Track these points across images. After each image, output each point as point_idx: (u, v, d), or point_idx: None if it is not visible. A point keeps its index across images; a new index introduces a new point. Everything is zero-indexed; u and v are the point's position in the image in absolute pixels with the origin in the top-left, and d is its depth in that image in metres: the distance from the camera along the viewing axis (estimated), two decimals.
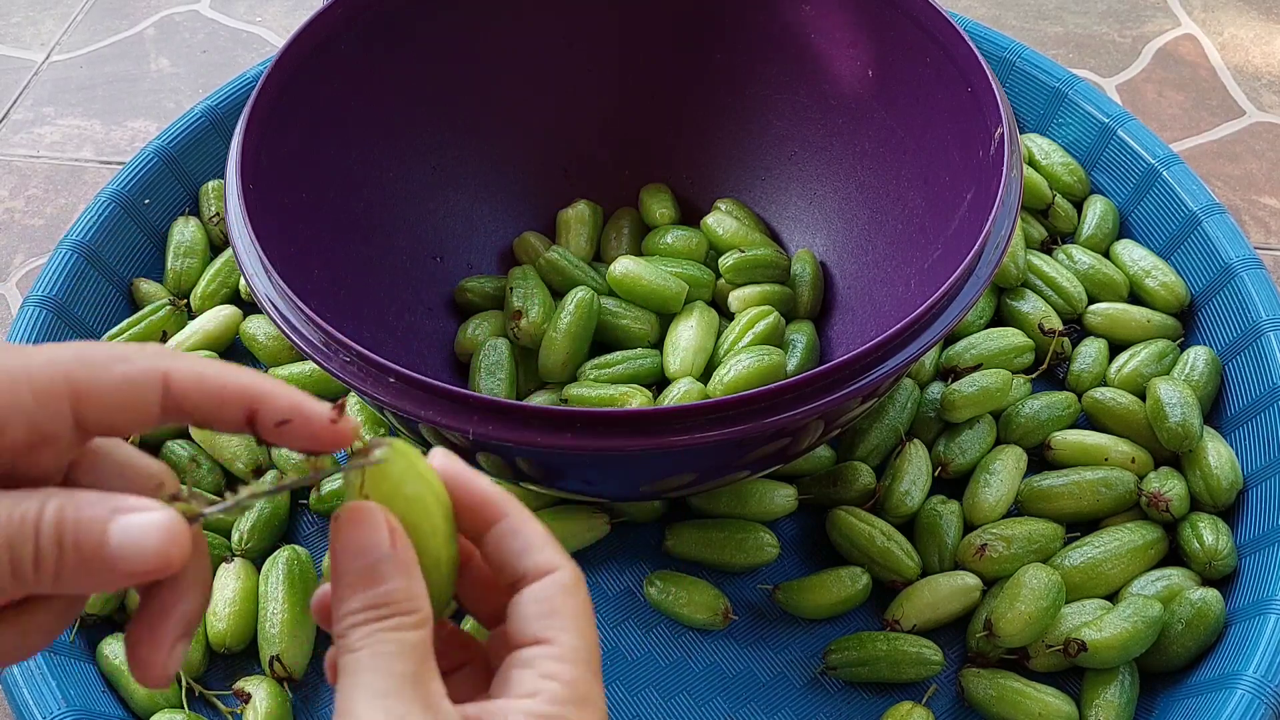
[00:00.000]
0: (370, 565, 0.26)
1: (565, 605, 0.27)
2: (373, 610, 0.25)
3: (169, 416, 0.27)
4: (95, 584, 0.24)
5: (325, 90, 0.54)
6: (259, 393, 0.27)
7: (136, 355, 0.26)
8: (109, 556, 0.24)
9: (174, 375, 0.26)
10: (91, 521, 0.24)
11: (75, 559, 0.24)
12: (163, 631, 0.26)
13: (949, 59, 0.52)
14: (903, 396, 0.57)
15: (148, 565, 0.24)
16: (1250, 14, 0.87)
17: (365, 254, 0.58)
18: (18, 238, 0.75)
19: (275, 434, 0.27)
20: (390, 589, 0.26)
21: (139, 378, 0.26)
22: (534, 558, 0.28)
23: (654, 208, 0.64)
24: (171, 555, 0.24)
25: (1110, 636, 0.48)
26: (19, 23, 0.91)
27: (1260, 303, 0.58)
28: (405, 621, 0.25)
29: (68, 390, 0.25)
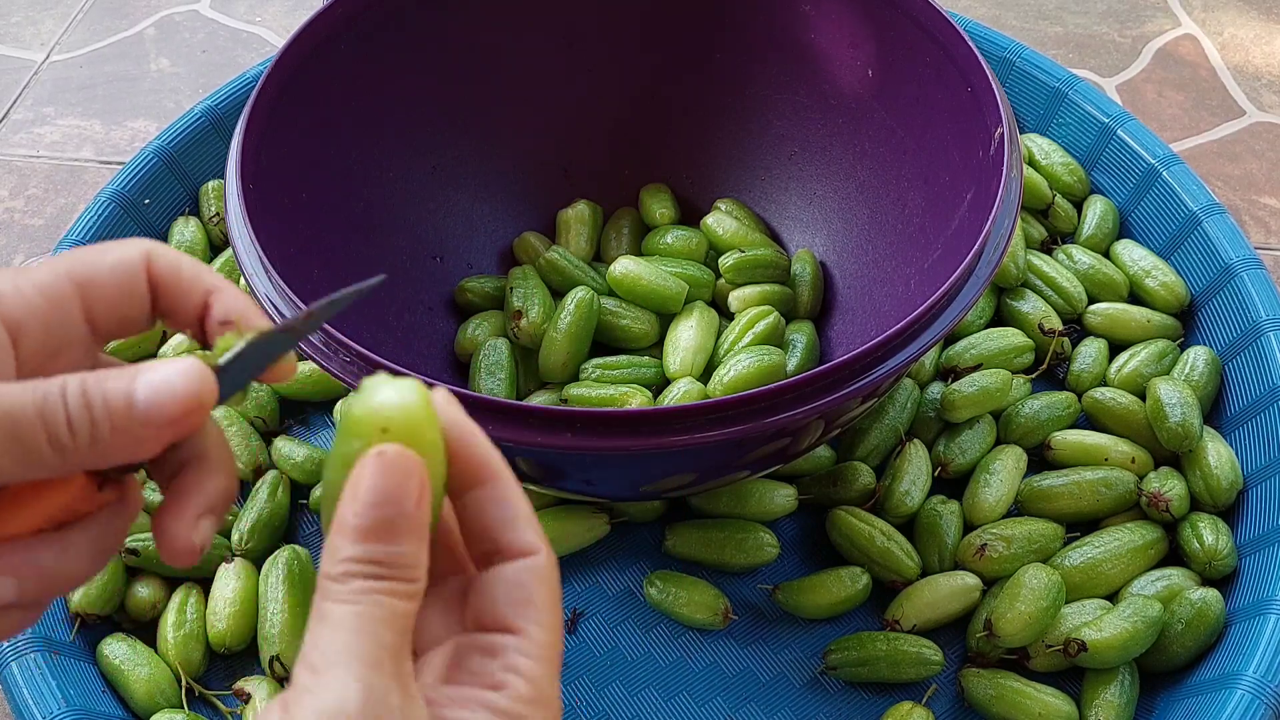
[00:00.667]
0: (390, 518, 0.24)
1: (540, 595, 0.26)
2: (376, 566, 0.24)
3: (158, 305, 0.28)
4: (134, 444, 0.24)
5: (325, 90, 0.54)
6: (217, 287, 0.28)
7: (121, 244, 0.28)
8: (140, 409, 0.24)
9: (154, 256, 0.28)
10: (117, 386, 0.24)
11: (108, 420, 0.24)
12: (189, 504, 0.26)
13: (949, 59, 0.52)
14: (903, 396, 0.57)
15: (180, 407, 0.24)
16: (1250, 14, 0.87)
17: (365, 254, 0.58)
18: (18, 237, 0.75)
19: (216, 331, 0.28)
20: (401, 551, 0.24)
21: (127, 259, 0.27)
22: (515, 534, 0.26)
23: (654, 208, 0.64)
24: (203, 395, 0.24)
25: (1110, 636, 0.48)
26: (19, 22, 0.91)
27: (1260, 303, 0.58)
28: (403, 589, 0.24)
29: (73, 287, 0.26)
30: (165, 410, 0.24)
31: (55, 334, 0.26)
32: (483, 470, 0.27)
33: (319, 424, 0.61)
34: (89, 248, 0.27)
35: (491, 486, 0.27)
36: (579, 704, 0.51)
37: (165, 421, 0.24)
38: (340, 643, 0.23)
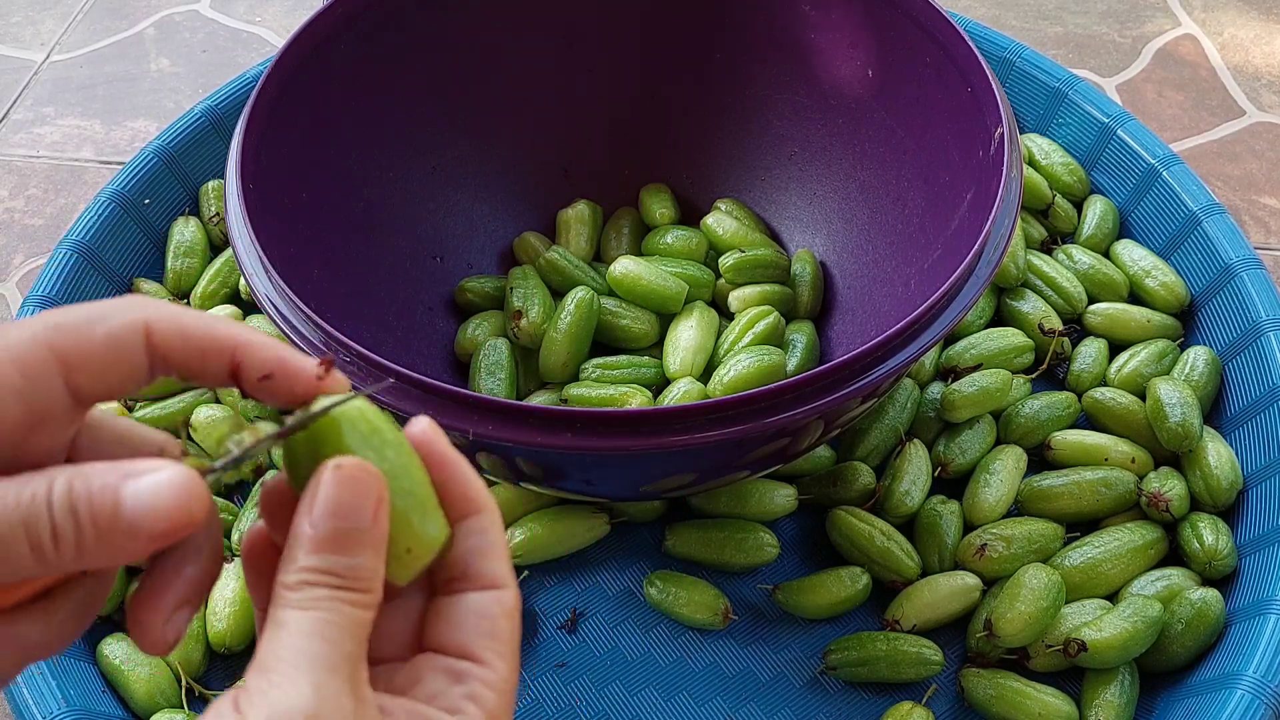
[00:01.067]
0: (346, 531, 0.24)
1: (505, 629, 0.26)
2: (333, 577, 0.24)
3: (157, 370, 0.26)
4: (119, 553, 0.23)
5: (325, 90, 0.54)
6: (242, 342, 0.26)
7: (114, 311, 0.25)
8: (127, 521, 0.23)
9: (155, 327, 0.25)
10: (103, 489, 0.23)
11: (93, 530, 0.23)
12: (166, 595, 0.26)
13: (949, 59, 0.52)
14: (903, 396, 0.57)
15: (169, 523, 0.23)
16: (1250, 14, 0.87)
17: (365, 254, 0.58)
18: (18, 238, 0.75)
19: (258, 389, 0.26)
20: (358, 563, 0.24)
21: (121, 334, 0.25)
22: (488, 565, 0.26)
23: (654, 208, 0.64)
24: (192, 509, 0.23)
25: (1110, 636, 0.48)
26: (19, 22, 0.91)
27: (1260, 303, 0.58)
28: (360, 599, 0.24)
29: (54, 360, 0.24)
30: (152, 524, 0.23)
31: (35, 409, 0.24)
32: (468, 503, 0.27)
33: None
34: (75, 312, 0.25)
35: (477, 518, 0.27)
36: (579, 704, 0.51)
37: (151, 536, 0.23)
38: (295, 647, 0.23)
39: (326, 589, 0.24)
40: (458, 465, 0.27)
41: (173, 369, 0.26)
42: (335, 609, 0.24)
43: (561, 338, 0.57)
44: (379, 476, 0.25)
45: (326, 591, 0.24)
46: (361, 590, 0.24)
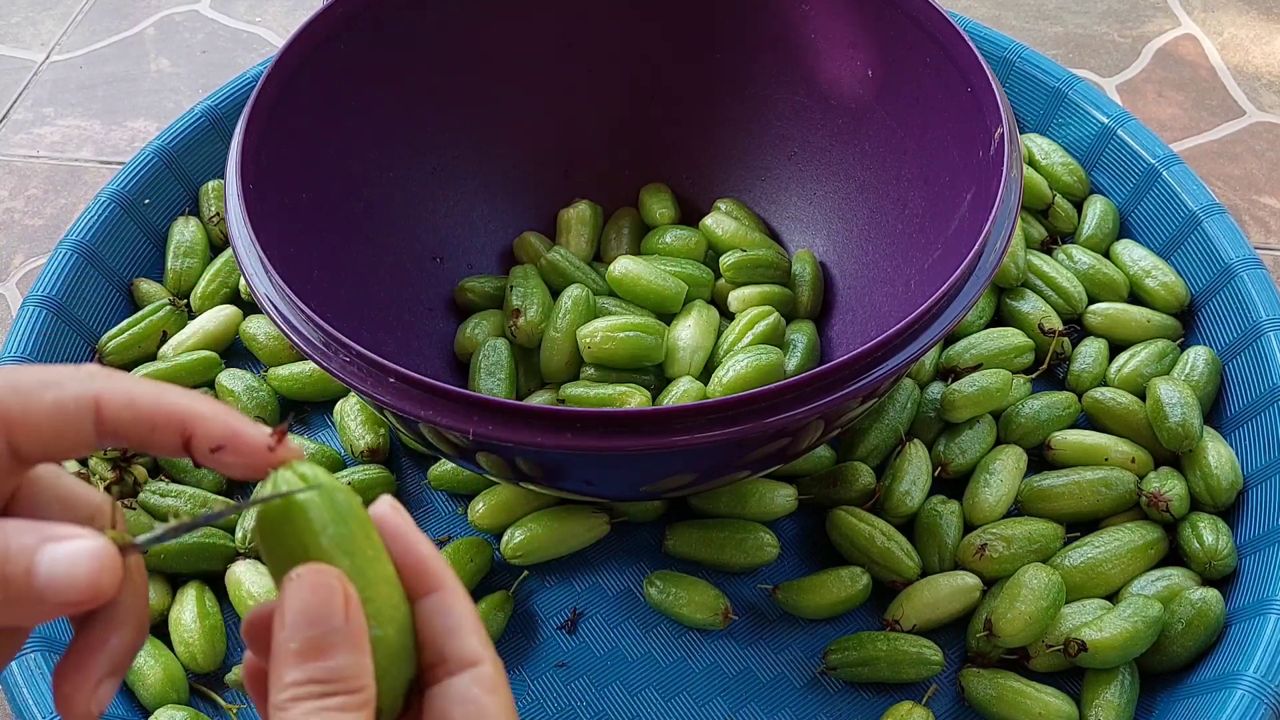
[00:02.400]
0: (320, 636, 0.24)
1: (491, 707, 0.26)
2: (317, 685, 0.24)
3: (105, 440, 0.26)
4: (25, 615, 0.23)
5: (326, 90, 0.54)
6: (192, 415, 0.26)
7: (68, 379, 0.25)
8: (37, 586, 0.23)
9: (105, 399, 0.26)
10: (20, 550, 0.23)
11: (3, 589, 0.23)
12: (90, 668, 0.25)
13: (949, 59, 0.52)
14: (903, 396, 0.57)
15: (78, 595, 0.23)
16: (1250, 14, 0.87)
17: (365, 254, 0.57)
18: (18, 238, 0.75)
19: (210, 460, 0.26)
20: (338, 665, 0.24)
21: (70, 404, 0.25)
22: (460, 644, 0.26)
23: (654, 208, 0.64)
24: (102, 584, 0.23)
25: (1110, 636, 0.48)
26: (19, 23, 0.91)
27: (1260, 303, 0.58)
28: (350, 701, 0.24)
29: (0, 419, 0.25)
30: (62, 594, 0.23)
31: None
32: (425, 580, 0.27)
33: (319, 424, 0.61)
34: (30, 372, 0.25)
35: (437, 596, 0.27)
36: (579, 704, 0.51)
37: (59, 604, 0.23)
38: None
39: (313, 700, 0.24)
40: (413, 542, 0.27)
41: (122, 439, 0.26)
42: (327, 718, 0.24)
43: (561, 337, 0.56)
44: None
45: (314, 703, 0.24)
46: (349, 691, 0.24)
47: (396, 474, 0.58)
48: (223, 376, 0.60)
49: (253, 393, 0.59)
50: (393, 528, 0.27)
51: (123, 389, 0.26)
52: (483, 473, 0.49)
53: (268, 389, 0.60)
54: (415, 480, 0.59)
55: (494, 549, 0.55)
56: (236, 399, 0.59)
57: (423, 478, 0.58)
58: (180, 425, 0.26)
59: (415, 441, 0.53)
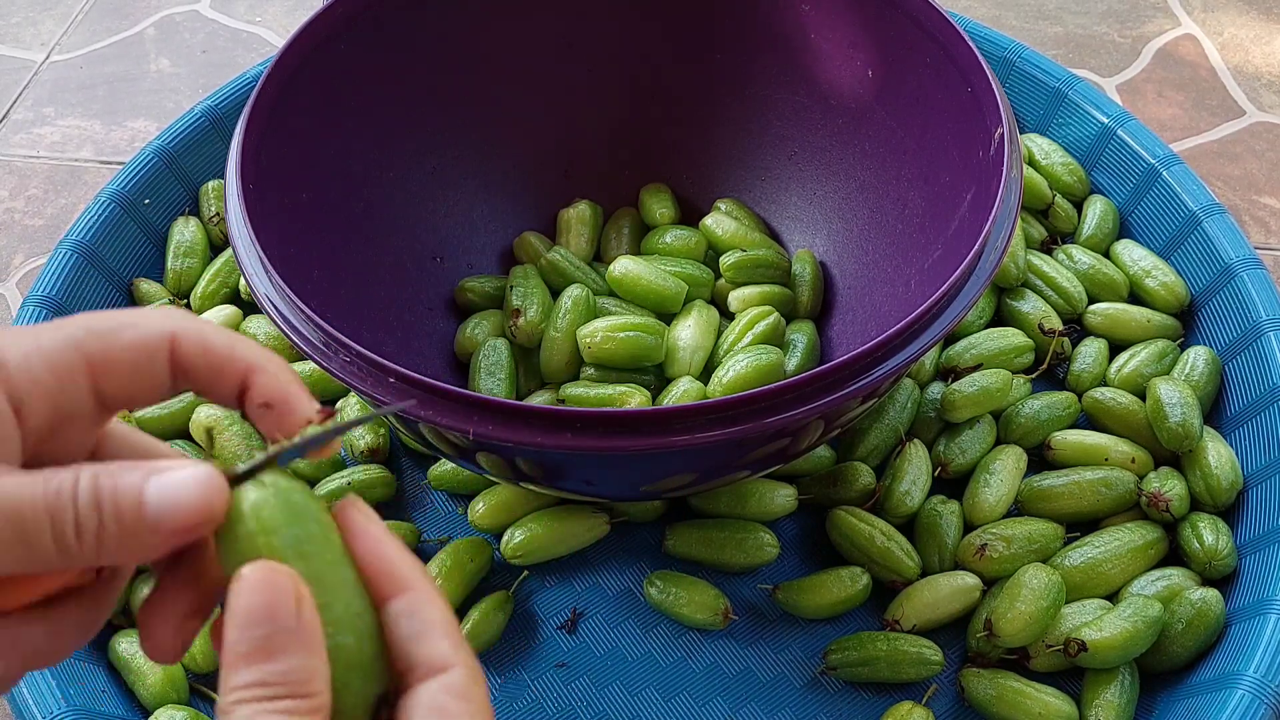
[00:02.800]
0: (268, 636, 0.23)
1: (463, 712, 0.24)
2: (264, 688, 0.23)
3: (179, 381, 0.26)
4: (140, 548, 0.23)
5: (326, 90, 0.54)
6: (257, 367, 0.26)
7: (143, 319, 0.26)
8: (149, 516, 0.23)
9: (180, 337, 0.26)
10: (129, 485, 0.23)
11: (115, 523, 0.23)
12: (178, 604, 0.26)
13: (949, 59, 0.52)
14: (903, 396, 0.57)
15: (190, 518, 0.23)
16: (1250, 14, 0.87)
17: (365, 254, 0.57)
18: (18, 238, 0.75)
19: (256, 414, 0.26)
20: (287, 667, 0.23)
21: (148, 340, 0.25)
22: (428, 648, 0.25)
23: (654, 208, 0.64)
24: (214, 505, 0.23)
25: (1110, 636, 0.48)
26: (19, 23, 0.91)
27: (1260, 303, 0.58)
28: (299, 706, 0.23)
29: (83, 362, 0.25)
30: (175, 519, 0.23)
31: (61, 409, 0.25)
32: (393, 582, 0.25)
33: None
34: (107, 315, 0.26)
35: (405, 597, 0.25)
36: (579, 705, 0.51)
37: (173, 531, 0.23)
38: None
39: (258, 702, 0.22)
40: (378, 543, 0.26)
41: (192, 382, 0.26)
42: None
43: (561, 336, 0.56)
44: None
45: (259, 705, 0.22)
46: (300, 695, 0.23)
47: (396, 474, 0.58)
48: None
49: None
50: (356, 528, 0.26)
51: (196, 330, 0.26)
52: (483, 473, 0.49)
53: None
54: (415, 480, 0.59)
55: (494, 549, 0.55)
56: None
57: (423, 478, 0.58)
58: (243, 374, 0.26)
59: (415, 441, 0.53)
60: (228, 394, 0.27)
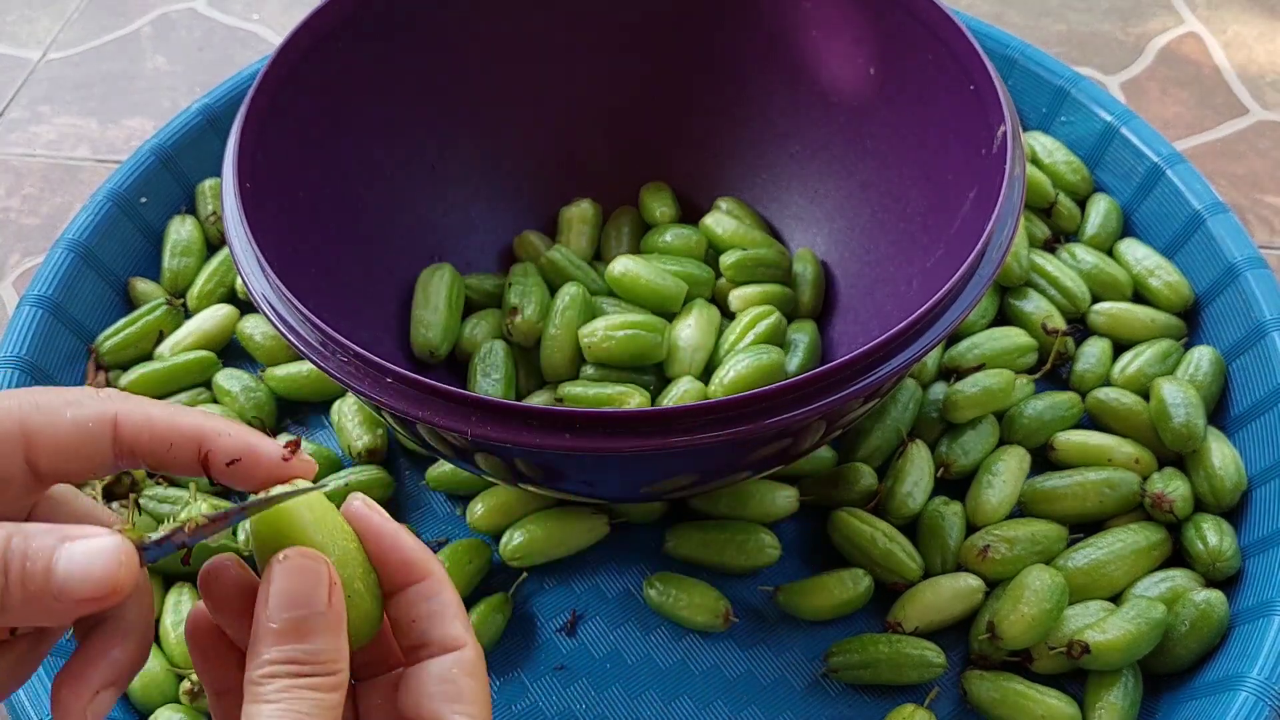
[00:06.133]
0: (303, 619, 0.25)
1: (470, 689, 0.27)
2: (295, 665, 0.25)
3: (122, 460, 0.27)
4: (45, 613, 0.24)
5: (323, 88, 0.54)
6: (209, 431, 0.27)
7: (88, 400, 0.26)
8: (56, 584, 0.23)
9: (123, 418, 0.26)
10: (39, 549, 0.24)
11: (21, 587, 0.23)
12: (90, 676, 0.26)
13: (951, 56, 0.52)
14: (905, 397, 0.57)
15: (95, 590, 0.24)
16: (1254, 12, 0.87)
17: (363, 253, 0.57)
18: (13, 237, 0.75)
19: (227, 474, 0.27)
20: (318, 648, 0.25)
21: (90, 422, 0.26)
22: (443, 628, 0.28)
23: (654, 207, 0.64)
24: (120, 579, 0.24)
25: (1114, 638, 0.48)
26: (14, 20, 0.90)
27: (1265, 302, 0.57)
28: (325, 682, 0.25)
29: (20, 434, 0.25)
30: (80, 589, 0.24)
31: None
32: (411, 570, 0.28)
33: (317, 424, 0.61)
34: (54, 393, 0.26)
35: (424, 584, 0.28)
36: (578, 707, 0.51)
37: (79, 600, 0.24)
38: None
39: (290, 678, 0.25)
40: (395, 535, 0.28)
41: (140, 460, 0.27)
42: (302, 696, 0.24)
43: (561, 334, 0.56)
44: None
45: (290, 681, 0.25)
46: (325, 674, 0.25)
47: (394, 475, 0.58)
48: (219, 376, 0.60)
49: (249, 393, 0.59)
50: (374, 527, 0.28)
51: (139, 408, 0.27)
52: (481, 474, 0.49)
53: (265, 389, 0.60)
54: (413, 481, 0.58)
55: (492, 551, 0.55)
56: (233, 399, 0.59)
57: (421, 479, 0.58)
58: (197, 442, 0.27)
59: (413, 442, 0.53)
60: (186, 465, 0.27)
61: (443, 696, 0.27)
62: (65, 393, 0.26)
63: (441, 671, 0.27)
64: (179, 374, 0.60)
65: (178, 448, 0.27)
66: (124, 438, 0.26)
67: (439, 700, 0.27)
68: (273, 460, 0.27)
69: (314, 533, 0.26)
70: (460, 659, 0.27)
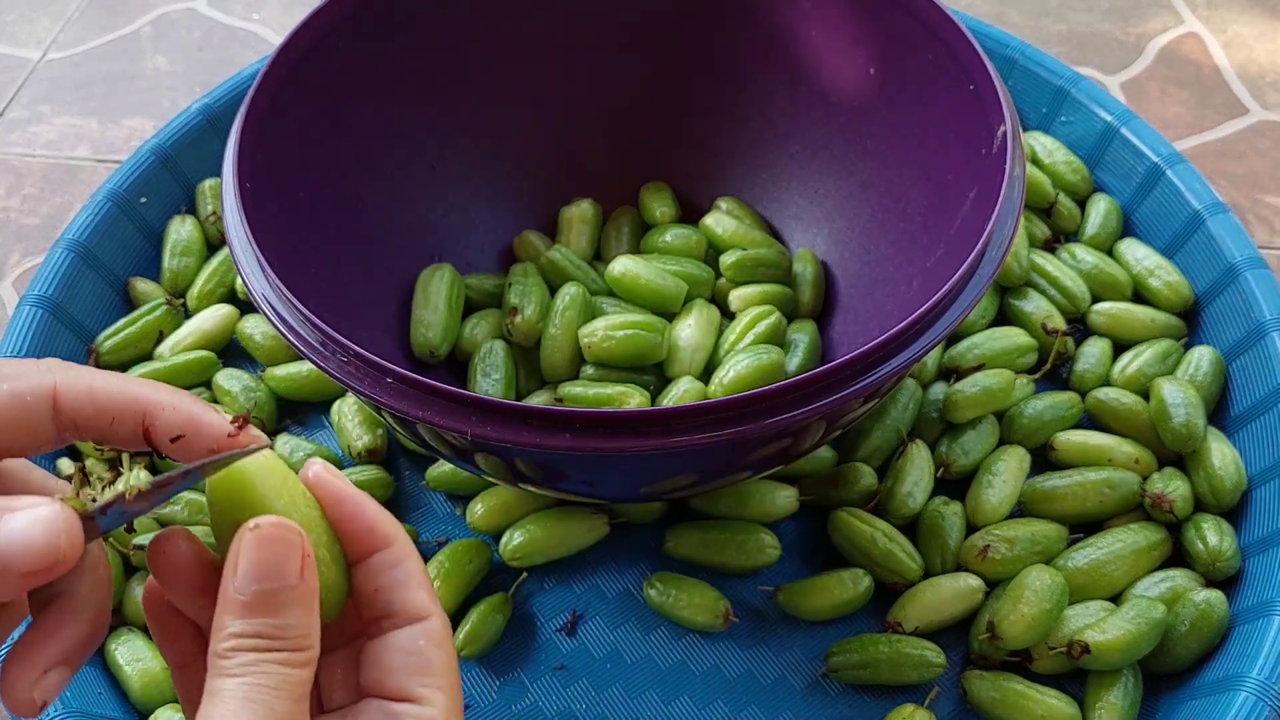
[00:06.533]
0: (273, 592, 0.24)
1: (437, 660, 0.26)
2: (263, 639, 0.24)
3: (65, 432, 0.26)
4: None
5: (323, 88, 0.54)
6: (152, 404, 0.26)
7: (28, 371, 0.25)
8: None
9: (63, 388, 0.25)
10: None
11: None
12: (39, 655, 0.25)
13: (951, 56, 0.52)
14: (905, 397, 0.57)
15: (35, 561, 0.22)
16: (1254, 12, 0.87)
17: (363, 253, 0.57)
18: (13, 237, 0.75)
19: (171, 450, 0.26)
20: (288, 622, 0.24)
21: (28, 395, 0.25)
22: (408, 597, 0.26)
23: (654, 207, 0.64)
24: (60, 548, 0.23)
25: (1114, 638, 0.48)
26: (14, 20, 0.90)
27: (1265, 302, 0.57)
28: (295, 658, 0.24)
29: None
30: (20, 560, 0.22)
31: None
32: (372, 538, 0.27)
33: (316, 424, 0.61)
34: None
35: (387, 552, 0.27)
36: (578, 707, 0.51)
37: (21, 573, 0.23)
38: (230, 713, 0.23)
39: (256, 653, 0.23)
40: (359, 502, 0.27)
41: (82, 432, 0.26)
42: (268, 671, 0.23)
43: (561, 334, 0.56)
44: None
45: (256, 655, 0.23)
46: (295, 649, 0.24)
47: (394, 475, 0.58)
48: (219, 376, 0.60)
49: (249, 393, 0.59)
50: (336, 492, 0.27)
51: (82, 380, 0.26)
52: (481, 474, 0.49)
53: (265, 389, 0.60)
54: (413, 481, 0.58)
55: (492, 550, 0.55)
56: (233, 399, 0.59)
57: (421, 479, 0.58)
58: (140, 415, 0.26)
59: (413, 442, 0.53)
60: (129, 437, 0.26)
61: (409, 670, 0.26)
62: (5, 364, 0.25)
63: (407, 643, 0.26)
64: (179, 374, 0.60)
65: (120, 421, 0.26)
66: (64, 409, 0.25)
67: (405, 674, 0.26)
68: (218, 435, 0.26)
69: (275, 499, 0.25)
70: (427, 629, 0.26)
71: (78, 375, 0.26)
